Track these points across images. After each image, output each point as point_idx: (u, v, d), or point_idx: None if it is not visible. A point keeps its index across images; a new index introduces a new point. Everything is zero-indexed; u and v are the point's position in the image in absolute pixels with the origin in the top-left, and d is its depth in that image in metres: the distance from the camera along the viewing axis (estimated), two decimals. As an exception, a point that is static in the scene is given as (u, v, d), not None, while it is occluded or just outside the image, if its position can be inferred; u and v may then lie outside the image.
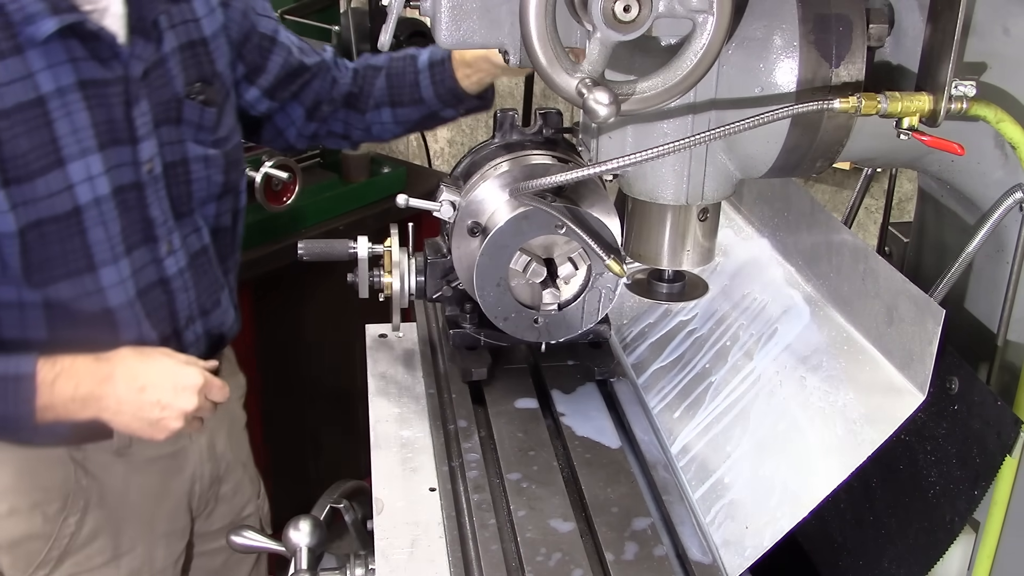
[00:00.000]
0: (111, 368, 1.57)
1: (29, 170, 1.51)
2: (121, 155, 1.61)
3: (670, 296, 1.33)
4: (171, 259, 1.73)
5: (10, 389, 1.52)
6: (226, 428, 2.02)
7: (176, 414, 1.58)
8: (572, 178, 1.13)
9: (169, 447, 1.85)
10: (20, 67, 1.48)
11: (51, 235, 1.55)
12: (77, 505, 1.78)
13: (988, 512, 1.15)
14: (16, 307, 1.60)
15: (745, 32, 1.09)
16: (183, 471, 1.92)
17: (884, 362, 1.18)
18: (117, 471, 1.81)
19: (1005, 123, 1.07)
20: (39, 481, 1.76)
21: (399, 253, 1.51)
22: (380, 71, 2.00)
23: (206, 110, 1.75)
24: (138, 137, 1.63)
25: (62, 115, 1.52)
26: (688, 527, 1.29)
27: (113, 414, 1.58)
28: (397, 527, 1.30)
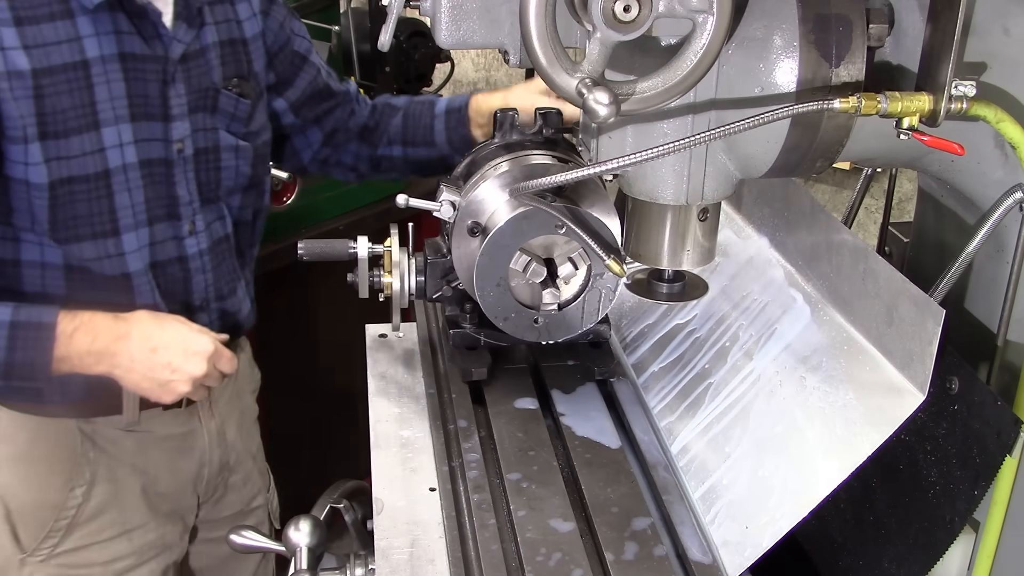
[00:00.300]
0: (128, 327, 1.62)
1: (67, 127, 1.59)
2: (152, 130, 1.69)
3: (670, 296, 1.33)
4: (192, 239, 1.79)
5: (31, 336, 1.57)
6: (237, 418, 2.05)
7: (185, 378, 1.62)
8: (572, 178, 1.13)
9: (180, 427, 1.90)
10: (70, 30, 1.58)
11: (80, 193, 1.63)
12: (83, 477, 1.82)
13: (988, 512, 1.15)
14: (38, 266, 1.67)
15: (745, 32, 1.09)
16: (192, 453, 1.95)
17: (884, 362, 1.18)
18: (126, 446, 1.85)
19: (1005, 123, 1.07)
20: (49, 451, 1.80)
21: (399, 253, 1.51)
22: (398, 111, 2.08)
23: (241, 102, 1.83)
24: (171, 116, 1.71)
25: (102, 81, 1.61)
26: (688, 527, 1.29)
27: (125, 371, 1.62)
28: (397, 527, 1.30)
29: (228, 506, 2.08)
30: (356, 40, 2.98)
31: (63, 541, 1.84)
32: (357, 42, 2.98)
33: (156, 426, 1.86)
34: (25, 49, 1.54)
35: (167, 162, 1.72)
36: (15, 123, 1.55)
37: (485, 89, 4.27)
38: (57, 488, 1.81)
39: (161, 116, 1.70)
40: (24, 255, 1.67)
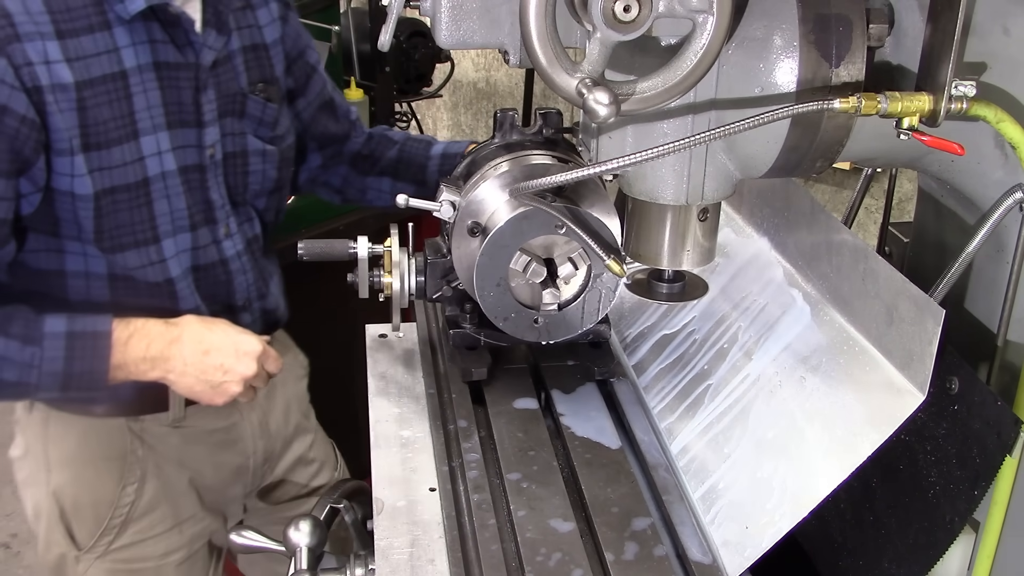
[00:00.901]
0: (179, 331, 1.66)
1: (108, 138, 1.61)
2: (187, 136, 1.72)
3: (670, 296, 1.33)
4: (228, 242, 1.83)
5: (88, 345, 1.59)
6: (281, 407, 2.08)
7: (237, 378, 1.67)
8: (572, 178, 1.13)
9: (223, 421, 1.95)
10: (108, 41, 1.60)
11: (122, 203, 1.65)
12: (134, 474, 1.87)
13: (988, 512, 1.15)
14: (83, 276, 1.70)
15: (745, 32, 1.09)
16: (235, 445, 1.99)
17: (884, 362, 1.18)
18: (172, 442, 1.90)
19: (1005, 123, 1.07)
20: (100, 450, 1.85)
21: (399, 253, 1.51)
22: (394, 144, 2.11)
23: (268, 106, 1.86)
24: (204, 122, 1.74)
25: (139, 91, 1.64)
26: (688, 527, 1.29)
27: (178, 375, 1.66)
28: (397, 527, 1.30)
29: (283, 493, 2.14)
30: (356, 40, 2.98)
31: (118, 537, 1.89)
32: (357, 42, 2.99)
33: (200, 421, 1.91)
34: (68, 62, 1.55)
35: (201, 167, 1.75)
36: (61, 135, 1.56)
37: (486, 89, 4.28)
38: (110, 486, 1.86)
39: (195, 122, 1.73)
40: (68, 266, 1.69)
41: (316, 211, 2.83)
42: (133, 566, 1.92)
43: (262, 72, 1.87)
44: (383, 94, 3.04)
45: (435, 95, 3.35)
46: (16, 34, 1.50)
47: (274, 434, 2.07)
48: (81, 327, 1.60)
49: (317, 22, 2.94)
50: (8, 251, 1.62)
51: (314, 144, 2.10)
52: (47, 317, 1.59)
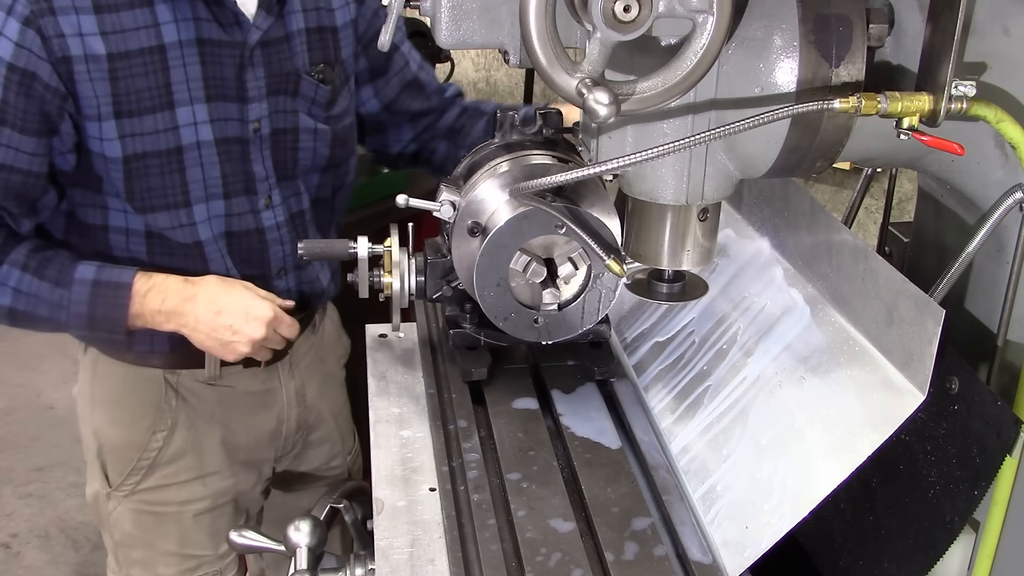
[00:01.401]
0: (196, 290, 1.77)
1: (140, 107, 1.72)
2: (228, 110, 1.80)
3: (670, 296, 1.33)
4: (268, 212, 1.90)
5: (110, 294, 1.75)
6: (319, 380, 2.16)
7: (245, 339, 1.77)
8: (572, 178, 1.13)
9: (259, 385, 2.04)
10: (148, 17, 1.71)
11: (153, 167, 1.76)
12: (165, 423, 1.97)
13: (988, 512, 1.15)
14: (123, 232, 1.82)
15: (745, 32, 1.09)
16: (271, 409, 2.07)
17: (884, 362, 1.18)
18: (207, 398, 2.00)
19: (1005, 123, 1.07)
20: (136, 396, 1.97)
21: (399, 253, 1.51)
22: (484, 116, 2.15)
23: (321, 87, 1.92)
24: (248, 97, 1.82)
25: (178, 64, 1.73)
26: (688, 527, 1.29)
27: (191, 331, 1.78)
28: (397, 527, 1.30)
29: (306, 462, 2.20)
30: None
31: (144, 480, 2.00)
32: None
33: (236, 382, 2.00)
34: (103, 35, 1.67)
35: (243, 140, 1.83)
36: (90, 102, 1.69)
37: (485, 89, 4.28)
38: (142, 431, 1.97)
39: (236, 97, 1.81)
40: (112, 221, 1.81)
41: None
42: (156, 509, 2.02)
43: (325, 54, 1.93)
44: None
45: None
46: (51, 7, 1.63)
47: (310, 405, 2.14)
48: (107, 277, 1.75)
49: (317, 22, 2.93)
50: (48, 200, 1.78)
51: (403, 118, 2.16)
52: (80, 264, 1.75)
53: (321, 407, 2.18)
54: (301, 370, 2.11)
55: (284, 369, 2.08)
